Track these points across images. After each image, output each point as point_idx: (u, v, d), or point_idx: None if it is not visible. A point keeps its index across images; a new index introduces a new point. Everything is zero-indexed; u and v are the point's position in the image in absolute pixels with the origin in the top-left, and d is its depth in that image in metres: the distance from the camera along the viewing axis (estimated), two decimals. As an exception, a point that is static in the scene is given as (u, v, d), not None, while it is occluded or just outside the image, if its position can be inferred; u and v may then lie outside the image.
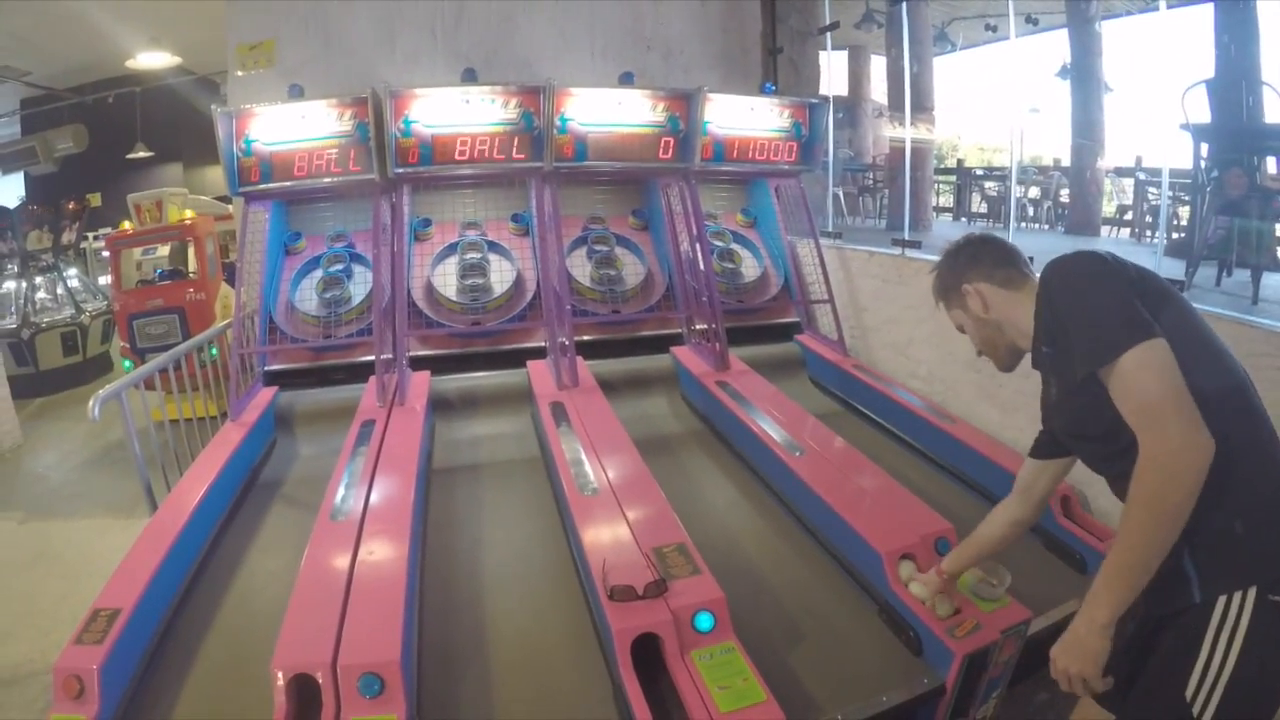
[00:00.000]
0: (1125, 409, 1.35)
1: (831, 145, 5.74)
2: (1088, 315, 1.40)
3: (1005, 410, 3.81)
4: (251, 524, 3.27)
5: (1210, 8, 4.50)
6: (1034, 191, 9.36)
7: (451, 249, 4.84)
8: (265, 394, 4.12)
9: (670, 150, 4.72)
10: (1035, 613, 2.45)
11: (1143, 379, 1.31)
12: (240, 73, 5.02)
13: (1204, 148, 4.31)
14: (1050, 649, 1.49)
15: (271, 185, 4.22)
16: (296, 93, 4.25)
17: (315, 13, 5.11)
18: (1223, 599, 1.34)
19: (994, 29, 11.07)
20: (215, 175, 10.35)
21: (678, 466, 3.75)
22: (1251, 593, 1.32)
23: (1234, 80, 4.29)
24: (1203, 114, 4.32)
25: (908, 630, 2.45)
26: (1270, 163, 4.35)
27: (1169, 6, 4.15)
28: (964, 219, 9.92)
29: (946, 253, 1.82)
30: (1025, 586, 2.52)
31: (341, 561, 2.45)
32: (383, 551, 2.53)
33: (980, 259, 1.75)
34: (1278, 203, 4.05)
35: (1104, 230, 8.19)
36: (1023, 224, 8.73)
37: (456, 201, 5.08)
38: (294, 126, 4.19)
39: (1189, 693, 1.36)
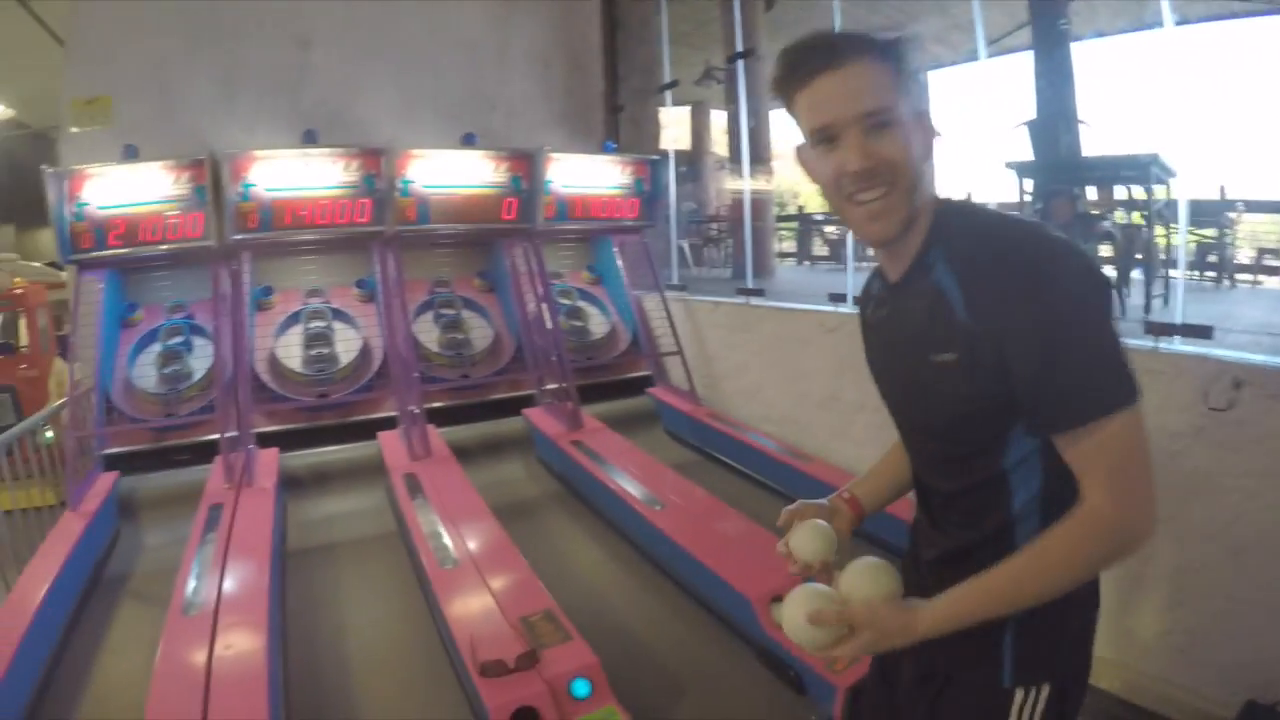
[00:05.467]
0: (1092, 465, 1.07)
1: (674, 199, 5.90)
2: (1086, 355, 1.05)
3: (859, 444, 3.95)
4: (100, 623, 3.05)
5: (1030, 55, 4.89)
6: (870, 232, 9.86)
7: (295, 318, 4.67)
8: (105, 479, 3.84)
9: (513, 210, 4.77)
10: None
11: (1129, 445, 1.06)
12: (75, 129, 4.71)
13: (1028, 183, 4.68)
14: (853, 609, 1.14)
15: (105, 253, 4.02)
16: (131, 153, 4.07)
17: (154, 69, 4.84)
18: (1021, 690, 1.20)
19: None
20: (50, 239, 9.62)
21: (538, 530, 3.72)
22: (1045, 689, 1.20)
23: (1053, 120, 4.71)
24: (1026, 152, 4.76)
25: (788, 670, 2.50)
26: (1090, 191, 4.77)
27: (989, 56, 4.50)
28: (807, 262, 10.35)
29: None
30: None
31: (198, 658, 2.31)
32: (241, 644, 2.40)
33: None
34: (1099, 226, 4.38)
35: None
36: (861, 264, 9.16)
37: (298, 268, 4.93)
38: (129, 189, 4.01)
39: None
